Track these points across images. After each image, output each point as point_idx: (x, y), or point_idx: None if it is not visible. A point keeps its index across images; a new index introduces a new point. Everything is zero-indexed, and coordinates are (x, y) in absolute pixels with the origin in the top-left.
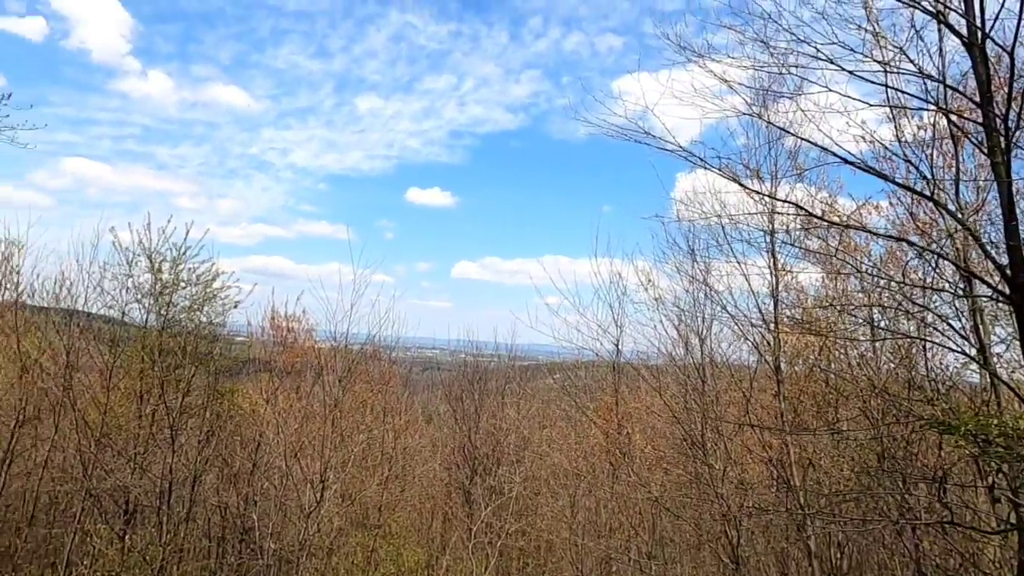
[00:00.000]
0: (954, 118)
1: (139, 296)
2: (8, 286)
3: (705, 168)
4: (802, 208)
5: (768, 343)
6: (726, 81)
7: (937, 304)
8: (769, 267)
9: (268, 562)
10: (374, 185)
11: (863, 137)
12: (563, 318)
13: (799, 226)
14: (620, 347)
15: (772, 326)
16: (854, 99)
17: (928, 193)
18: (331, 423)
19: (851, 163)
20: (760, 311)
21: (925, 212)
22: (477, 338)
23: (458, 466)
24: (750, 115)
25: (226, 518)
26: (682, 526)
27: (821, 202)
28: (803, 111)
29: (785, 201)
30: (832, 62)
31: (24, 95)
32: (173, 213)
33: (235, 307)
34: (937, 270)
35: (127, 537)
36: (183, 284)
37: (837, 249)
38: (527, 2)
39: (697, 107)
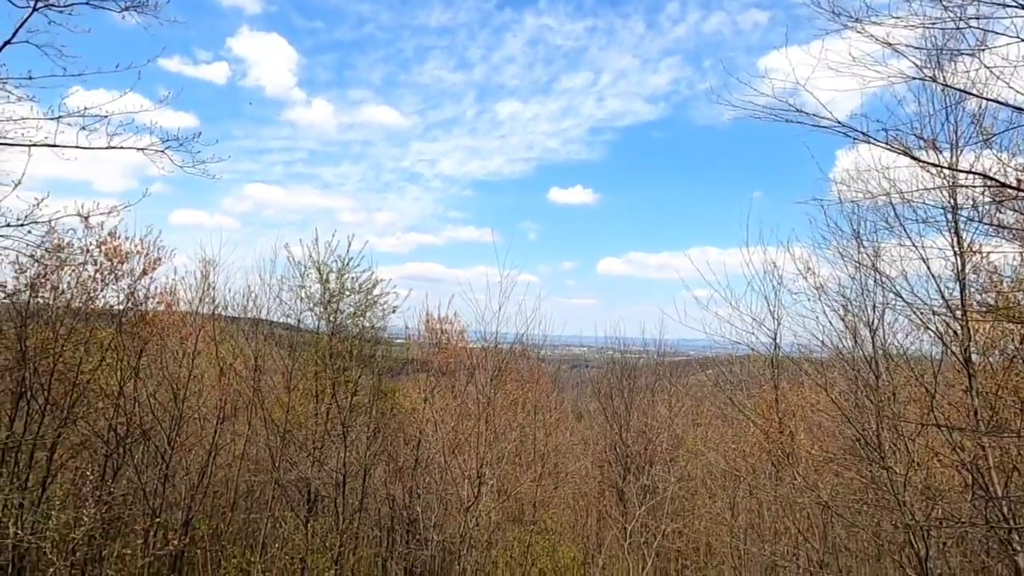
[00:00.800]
0: None
1: (311, 305)
2: (207, 300)
3: (870, 142)
4: (991, 179)
5: (955, 332)
6: (890, 45)
7: None
8: (952, 247)
9: (433, 552)
10: (516, 188)
11: None
12: (714, 312)
13: (988, 199)
14: (778, 340)
15: (959, 313)
16: None
17: None
18: (485, 420)
19: None
20: (943, 296)
21: None
22: (624, 334)
23: (610, 464)
24: (922, 79)
25: (394, 509)
26: (858, 534)
27: (1016, 168)
28: (988, 68)
29: (969, 172)
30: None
31: (213, 132)
32: (337, 228)
33: (393, 312)
34: None
35: (310, 524)
36: (348, 292)
37: None
38: None
39: (857, 77)
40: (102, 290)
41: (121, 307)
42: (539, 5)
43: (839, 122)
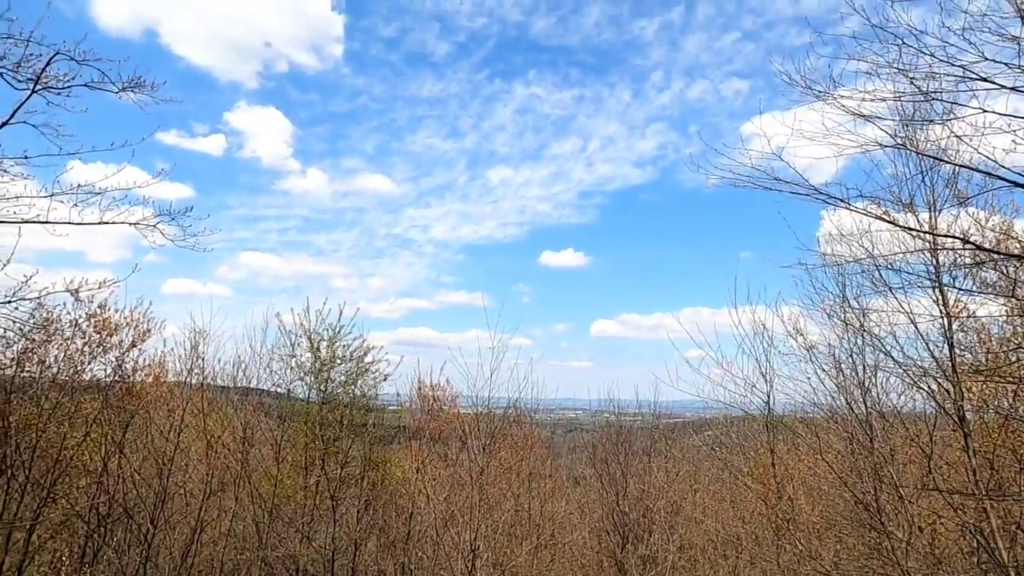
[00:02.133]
0: None
1: (302, 374)
2: (196, 371)
3: (848, 208)
4: (969, 242)
5: (947, 391)
6: (862, 115)
7: None
8: (938, 306)
9: None
10: (508, 252)
11: None
12: (706, 374)
13: (968, 260)
14: (771, 403)
15: (950, 372)
16: (1017, 117)
17: None
18: (478, 490)
19: (1022, 186)
20: (933, 356)
21: None
22: (618, 396)
23: (608, 533)
24: (894, 146)
25: None
26: None
27: (993, 230)
28: (957, 136)
29: (947, 236)
30: (985, 79)
31: (209, 202)
32: (330, 294)
33: (385, 379)
34: None
35: None
36: (339, 360)
37: (1019, 279)
38: (647, 59)
39: (832, 145)
40: (89, 363)
41: (108, 380)
42: (528, 76)
43: (815, 189)
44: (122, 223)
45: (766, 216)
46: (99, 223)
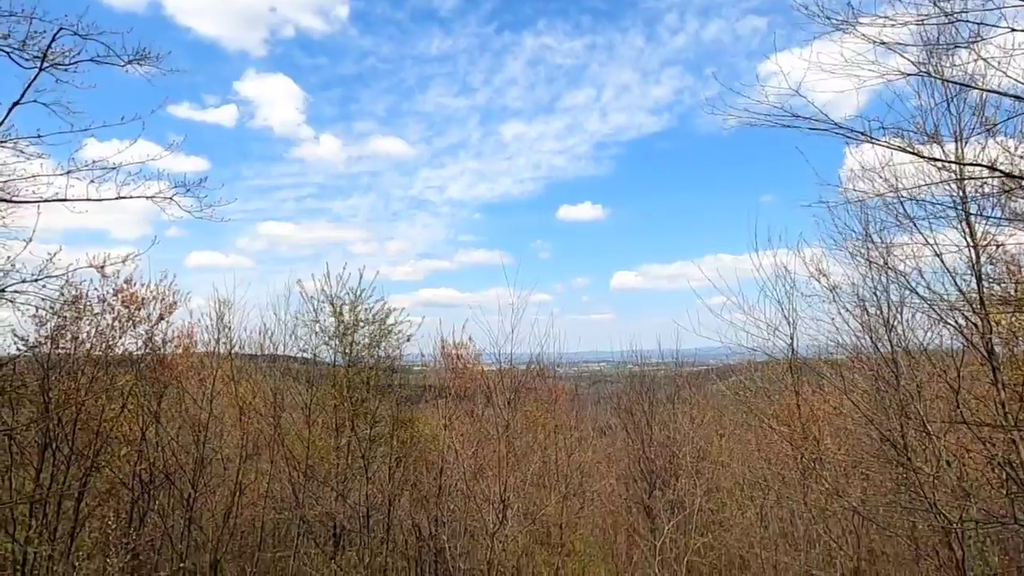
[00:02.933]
0: None
1: (326, 338)
2: (223, 340)
3: (870, 141)
4: (997, 169)
5: (975, 325)
6: (884, 43)
7: None
8: (965, 239)
9: None
10: (526, 208)
11: None
12: (728, 320)
13: (997, 189)
14: (795, 345)
15: (977, 305)
16: None
17: None
18: (505, 444)
19: None
20: (960, 290)
21: None
22: (641, 347)
23: (635, 480)
24: (918, 75)
25: (420, 539)
26: (893, 538)
27: (1023, 156)
28: (984, 59)
29: (974, 164)
30: None
31: (224, 174)
32: (349, 259)
33: (408, 340)
34: None
35: (336, 559)
36: (362, 324)
37: None
38: (660, 0)
39: (852, 77)
40: (120, 337)
41: (140, 353)
42: (538, 26)
43: (835, 123)
44: (139, 197)
45: (787, 157)
46: (116, 198)
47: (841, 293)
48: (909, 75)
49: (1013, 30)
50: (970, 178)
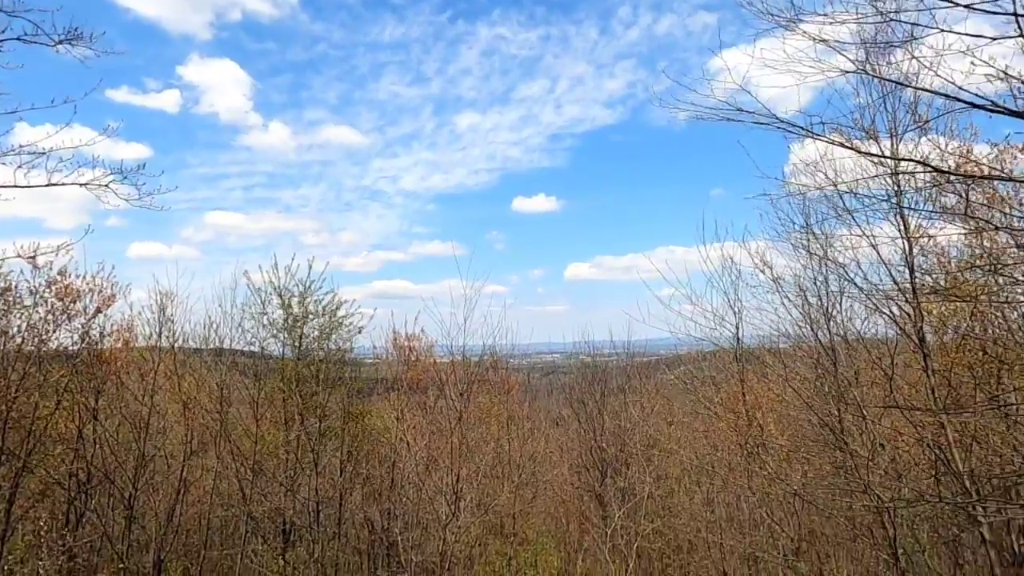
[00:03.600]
0: None
1: (274, 331)
2: (166, 334)
3: (811, 137)
4: (928, 165)
5: (908, 314)
6: (823, 40)
7: None
8: (899, 232)
9: (413, 573)
10: (480, 199)
11: (995, 76)
12: (677, 310)
13: (929, 183)
14: (740, 335)
15: (910, 295)
16: (976, 35)
17: None
18: (458, 435)
19: (981, 107)
20: (895, 280)
21: None
22: (593, 338)
23: (587, 469)
24: (857, 72)
25: (373, 532)
26: (832, 519)
27: (952, 153)
28: (917, 59)
29: (907, 160)
30: None
31: (166, 162)
32: (301, 250)
33: (359, 332)
34: None
35: (285, 555)
36: (311, 316)
37: (976, 203)
38: None
39: (795, 73)
40: (54, 331)
41: (76, 347)
42: (492, 16)
43: (778, 118)
44: (71, 184)
45: (736, 152)
46: (47, 185)
47: (784, 284)
48: (848, 72)
49: (943, 31)
50: (904, 173)
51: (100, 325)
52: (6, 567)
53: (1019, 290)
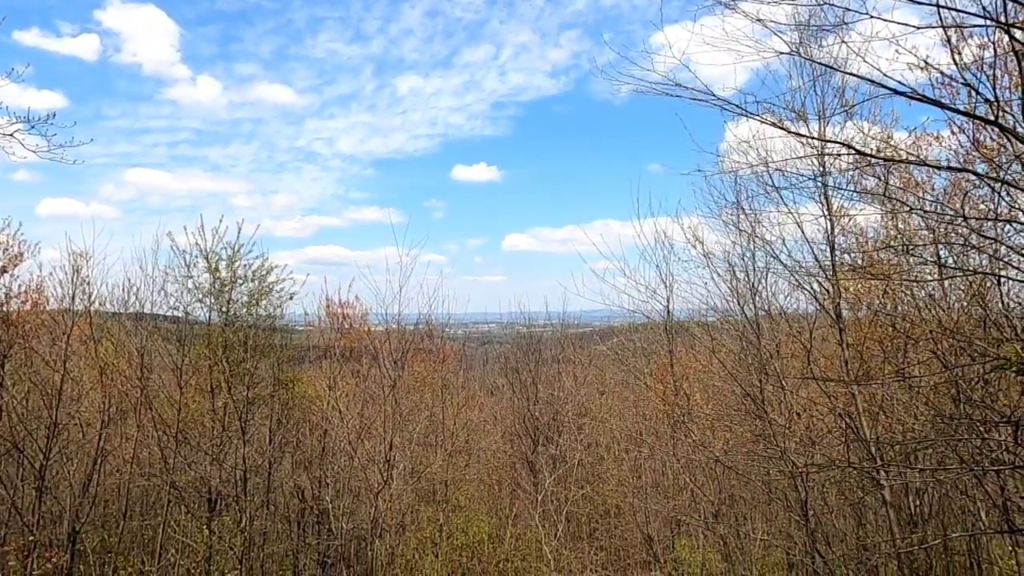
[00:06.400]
0: (1018, 33)
1: (200, 296)
2: (80, 296)
3: (745, 115)
4: (851, 147)
5: (827, 291)
6: (760, 21)
7: (1010, 235)
8: (823, 212)
9: (345, 541)
10: (420, 166)
11: (916, 65)
12: (611, 283)
13: (852, 166)
14: (671, 308)
15: (830, 273)
16: (902, 24)
17: (992, 117)
18: (391, 403)
19: (903, 94)
20: (816, 258)
21: (991, 138)
22: (529, 309)
23: (520, 437)
24: (790, 54)
25: (303, 501)
26: (750, 484)
27: (874, 138)
28: (847, 44)
29: (832, 142)
30: None
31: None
32: (231, 213)
33: (290, 299)
34: (1008, 199)
35: (211, 525)
36: (240, 281)
37: (893, 186)
38: None
39: (733, 52)
40: None
41: None
42: None
43: (714, 95)
44: None
45: (675, 128)
46: None
47: (714, 259)
48: (783, 54)
49: (872, 17)
50: (829, 154)
51: (6, 286)
52: None
53: (927, 270)
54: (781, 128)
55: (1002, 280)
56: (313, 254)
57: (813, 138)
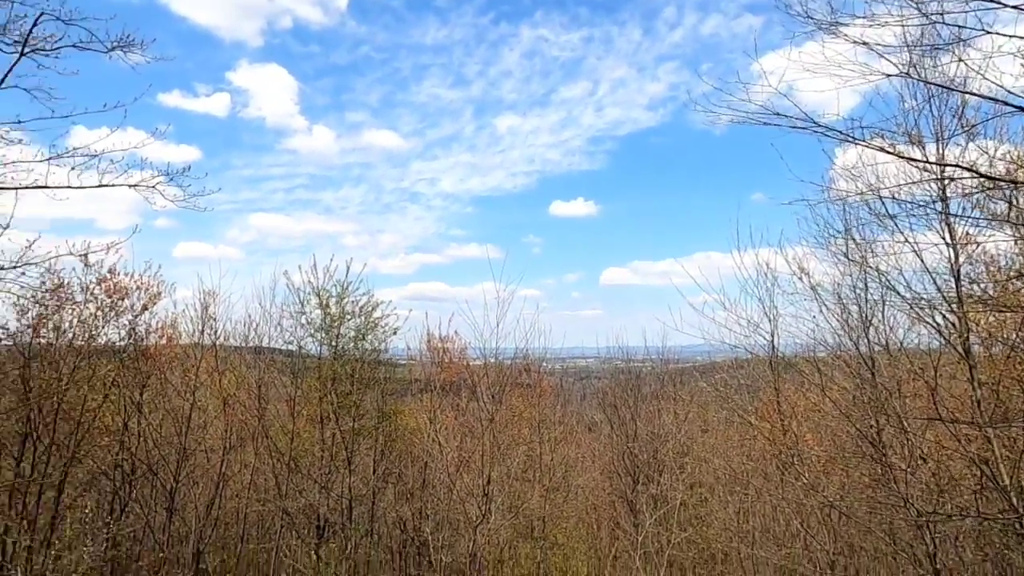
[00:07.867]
0: None
1: (312, 331)
2: (208, 331)
3: (851, 141)
4: (974, 171)
5: (953, 324)
6: (865, 44)
7: None
8: (944, 239)
9: (443, 574)
10: (518, 202)
11: None
12: (711, 317)
13: (976, 189)
14: (775, 342)
15: (955, 305)
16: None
17: None
18: (489, 437)
19: None
20: (939, 289)
21: None
22: (627, 343)
23: (619, 475)
24: (900, 75)
25: (404, 531)
26: (871, 533)
27: (1001, 159)
28: (964, 62)
29: (953, 165)
30: None
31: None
32: (340, 251)
33: (394, 333)
34: None
35: (319, 551)
36: (348, 316)
37: (1022, 210)
38: None
39: (836, 77)
40: (103, 327)
41: (122, 343)
42: (535, 17)
43: (815, 123)
44: (121, 185)
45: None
46: (98, 186)
47: (822, 291)
48: (891, 75)
49: (987, 32)
50: (950, 179)
51: (146, 322)
52: (54, 552)
53: None
54: (893, 154)
55: None
56: (415, 290)
57: (930, 162)
